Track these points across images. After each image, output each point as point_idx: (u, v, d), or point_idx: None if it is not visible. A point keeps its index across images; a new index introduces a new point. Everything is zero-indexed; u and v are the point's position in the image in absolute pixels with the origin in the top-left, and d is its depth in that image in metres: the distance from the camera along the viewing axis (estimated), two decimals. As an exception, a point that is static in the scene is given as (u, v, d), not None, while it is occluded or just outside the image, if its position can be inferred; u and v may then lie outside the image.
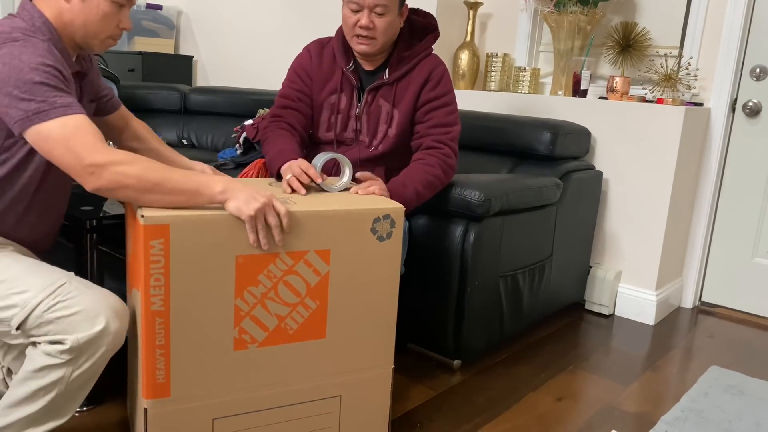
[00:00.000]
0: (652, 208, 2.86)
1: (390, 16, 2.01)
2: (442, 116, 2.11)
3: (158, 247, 1.36)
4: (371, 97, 2.13)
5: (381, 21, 2.00)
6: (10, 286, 1.43)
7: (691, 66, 2.96)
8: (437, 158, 2.08)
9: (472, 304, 2.23)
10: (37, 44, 1.44)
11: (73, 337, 1.38)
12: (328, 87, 2.15)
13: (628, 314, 2.97)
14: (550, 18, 3.13)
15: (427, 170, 2.06)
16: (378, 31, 2.01)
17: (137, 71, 4.45)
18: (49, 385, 1.42)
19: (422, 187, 2.03)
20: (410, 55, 2.12)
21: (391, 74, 2.11)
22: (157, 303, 1.39)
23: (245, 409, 1.55)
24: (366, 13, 1.99)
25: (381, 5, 1.98)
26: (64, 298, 1.41)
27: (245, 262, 1.45)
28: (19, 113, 1.37)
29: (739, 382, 2.33)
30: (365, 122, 2.14)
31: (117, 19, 1.57)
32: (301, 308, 1.54)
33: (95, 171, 1.36)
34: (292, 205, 1.52)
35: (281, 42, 4.26)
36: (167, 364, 1.44)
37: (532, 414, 2.06)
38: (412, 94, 2.11)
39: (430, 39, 2.17)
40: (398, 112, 2.12)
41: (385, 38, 2.05)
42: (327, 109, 2.16)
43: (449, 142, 2.11)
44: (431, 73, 2.12)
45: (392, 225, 1.60)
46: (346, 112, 2.15)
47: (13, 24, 1.47)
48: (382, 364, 1.71)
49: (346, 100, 2.14)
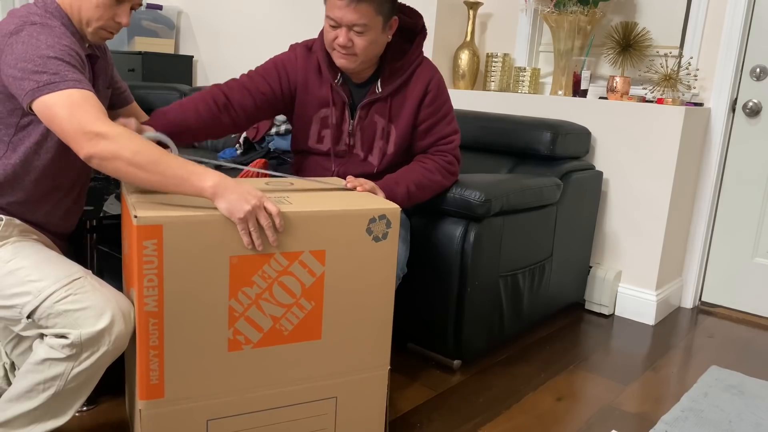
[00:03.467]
0: (652, 208, 2.85)
1: (371, 35, 1.85)
2: (442, 129, 2.08)
3: (152, 248, 1.36)
4: (365, 113, 2.02)
5: (361, 39, 1.85)
6: (28, 272, 1.46)
7: (691, 66, 2.95)
8: (437, 163, 2.08)
9: (472, 304, 2.23)
10: (54, 27, 1.50)
11: (76, 332, 1.40)
12: (318, 99, 2.03)
13: (628, 314, 2.96)
14: (550, 18, 3.12)
15: (424, 173, 2.05)
16: (357, 49, 1.86)
17: (137, 71, 4.46)
18: (49, 379, 1.43)
19: (415, 187, 2.01)
20: (403, 65, 2.00)
21: (385, 88, 1.99)
22: (150, 304, 1.39)
23: (240, 410, 1.55)
24: (344, 31, 1.84)
25: (360, 24, 1.81)
26: (76, 292, 1.43)
27: (239, 263, 1.45)
28: (31, 84, 1.41)
29: (739, 382, 2.32)
30: (359, 138, 2.05)
31: (113, 11, 1.58)
32: (296, 309, 1.54)
33: (94, 138, 1.38)
34: (286, 204, 1.52)
35: (281, 42, 4.25)
36: (161, 365, 1.43)
37: (532, 414, 2.05)
38: (411, 111, 2.03)
39: (421, 42, 2.05)
40: (395, 128, 2.04)
41: (366, 56, 1.90)
42: (317, 122, 2.05)
43: (452, 151, 2.10)
44: (428, 85, 2.02)
45: (388, 225, 1.60)
46: (337, 127, 2.04)
47: (29, 10, 1.54)
48: (378, 365, 1.71)
49: (337, 115, 2.03)
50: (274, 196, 1.60)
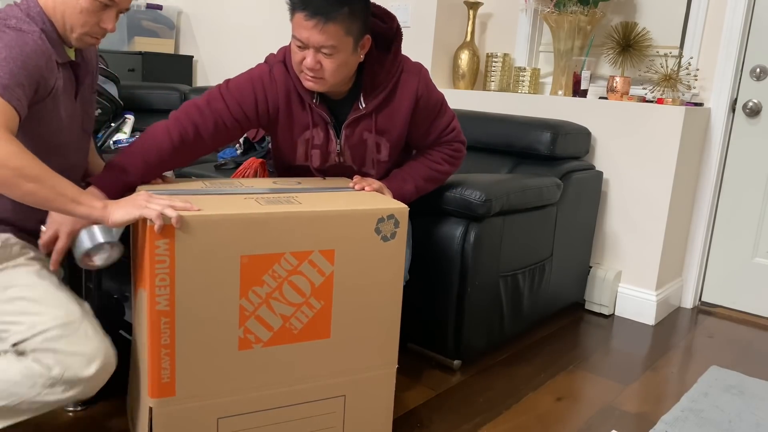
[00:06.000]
0: (652, 208, 2.87)
1: (341, 57, 1.71)
2: (440, 122, 2.01)
3: (163, 248, 1.37)
4: (350, 131, 1.89)
5: (330, 62, 1.70)
6: (26, 306, 1.46)
7: (691, 66, 2.97)
8: (444, 153, 2.05)
9: (472, 304, 2.24)
10: (29, 33, 1.46)
11: (61, 370, 1.41)
12: (300, 122, 1.89)
13: (628, 314, 2.97)
14: (550, 18, 3.13)
15: (431, 165, 2.03)
16: (326, 72, 1.72)
17: (137, 71, 4.45)
18: (7, 393, 1.42)
19: (424, 182, 2.01)
20: (384, 78, 1.85)
21: (368, 103, 1.85)
22: (162, 303, 1.40)
23: (250, 408, 1.56)
24: (311, 52, 1.69)
25: (328, 46, 1.67)
26: (71, 335, 1.44)
27: (250, 263, 1.46)
28: None
29: (739, 382, 2.34)
30: (349, 156, 1.94)
31: (98, 17, 1.53)
32: (305, 308, 1.55)
33: None
34: (296, 204, 1.53)
35: (281, 42, 4.23)
36: (172, 364, 1.44)
37: (532, 414, 2.06)
38: (402, 122, 1.91)
39: (398, 47, 1.87)
40: (386, 140, 1.93)
41: (336, 79, 1.76)
42: (302, 144, 1.92)
43: (456, 138, 2.06)
44: (416, 91, 1.89)
45: (396, 225, 1.61)
46: (323, 148, 1.92)
47: (10, 12, 1.50)
48: (386, 363, 1.72)
49: (322, 135, 1.90)
50: (282, 197, 1.61)
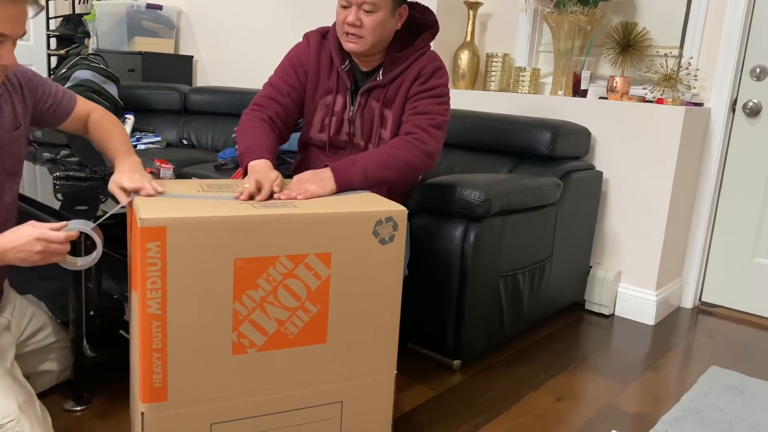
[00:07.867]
0: (652, 208, 2.86)
1: (380, 15, 1.91)
2: (427, 105, 2.00)
3: (155, 250, 1.36)
4: (364, 100, 2.06)
5: (369, 19, 1.91)
6: None
7: (691, 66, 2.96)
8: (406, 141, 1.95)
9: (472, 304, 2.23)
10: None
11: None
12: (325, 86, 2.08)
13: (628, 314, 2.96)
14: (550, 18, 3.12)
15: (388, 150, 1.93)
16: (366, 29, 1.92)
17: (137, 71, 4.46)
18: None
19: (375, 164, 1.87)
20: (404, 55, 2.03)
21: (385, 75, 2.03)
22: (154, 306, 1.38)
23: (244, 414, 1.54)
24: (354, 9, 1.91)
25: (369, 2, 1.89)
26: None
27: (244, 266, 1.44)
28: None
29: (739, 382, 2.33)
30: (359, 126, 2.07)
31: None
32: (301, 312, 1.53)
33: None
34: (291, 207, 1.52)
35: (281, 42, 4.25)
36: (164, 368, 1.43)
37: (532, 414, 2.06)
38: (404, 92, 2.03)
39: (427, 36, 2.07)
40: (390, 113, 2.05)
41: (374, 38, 1.95)
42: (322, 109, 2.09)
43: (428, 128, 1.97)
44: (423, 68, 2.02)
45: (395, 228, 1.59)
46: (340, 115, 2.08)
47: None
48: (385, 369, 1.69)
49: (341, 102, 2.07)
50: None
